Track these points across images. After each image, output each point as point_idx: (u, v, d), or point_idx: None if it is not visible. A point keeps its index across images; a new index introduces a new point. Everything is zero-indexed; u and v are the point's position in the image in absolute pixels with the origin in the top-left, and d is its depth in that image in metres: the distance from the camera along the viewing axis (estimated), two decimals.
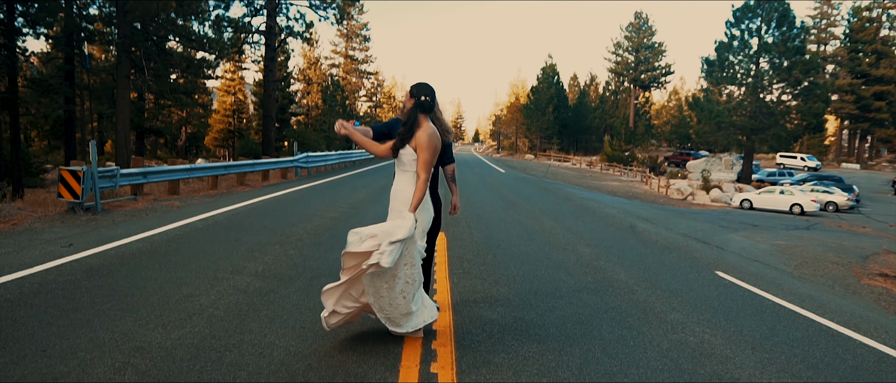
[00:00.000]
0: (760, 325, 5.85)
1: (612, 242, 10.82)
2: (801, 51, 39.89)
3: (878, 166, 72.92)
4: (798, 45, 39.75)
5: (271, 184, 19.23)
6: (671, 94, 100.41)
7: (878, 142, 79.74)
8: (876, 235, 19.84)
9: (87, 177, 10.43)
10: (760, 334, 5.54)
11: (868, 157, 79.43)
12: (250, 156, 38.85)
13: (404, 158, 4.44)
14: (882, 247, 15.53)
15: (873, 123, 72.54)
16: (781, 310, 6.61)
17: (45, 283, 5.61)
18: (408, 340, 4.50)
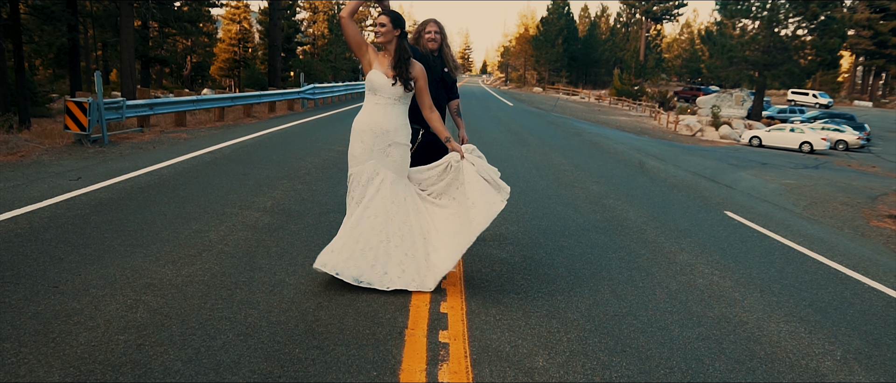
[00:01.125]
0: (769, 268, 5.84)
1: (620, 179, 10.77)
2: None
3: (892, 104, 72.04)
4: None
5: (278, 115, 19.13)
6: (683, 27, 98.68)
7: (892, 79, 78.61)
8: (885, 175, 19.76)
9: (94, 109, 10.36)
10: (769, 277, 5.54)
11: (881, 95, 78.46)
12: (256, 86, 38.60)
13: (380, 86, 4.31)
14: (891, 187, 15.45)
15: (889, 60, 71.26)
16: (790, 253, 6.60)
17: (54, 218, 5.61)
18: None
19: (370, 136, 4.30)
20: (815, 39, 39.52)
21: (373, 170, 4.32)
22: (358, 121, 4.38)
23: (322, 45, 59.80)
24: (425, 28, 4.94)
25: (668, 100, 59.62)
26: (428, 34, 4.91)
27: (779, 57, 40.01)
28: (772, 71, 40.74)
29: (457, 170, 4.48)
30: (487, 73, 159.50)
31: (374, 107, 4.35)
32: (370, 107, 4.37)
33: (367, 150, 4.31)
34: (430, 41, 4.89)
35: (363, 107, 4.41)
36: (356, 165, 4.36)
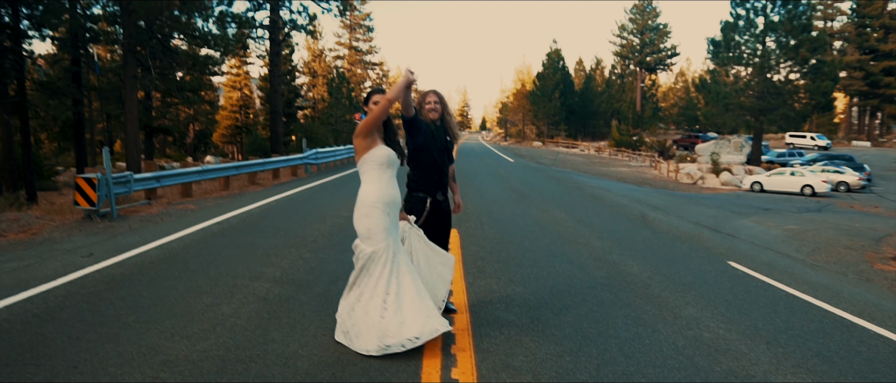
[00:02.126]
0: (774, 318, 5.91)
1: (623, 234, 10.87)
2: (807, 28, 39.58)
3: (889, 143, 72.48)
4: (805, 22, 39.42)
5: (282, 182, 19.35)
6: (678, 75, 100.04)
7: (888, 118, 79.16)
8: (888, 215, 19.82)
9: (102, 184, 10.55)
10: (775, 327, 5.60)
11: (879, 134, 78.95)
12: (259, 152, 39.00)
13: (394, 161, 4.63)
14: (895, 227, 15.51)
15: (883, 99, 71.97)
16: (795, 301, 6.67)
17: (69, 296, 5.72)
18: (428, 345, 4.58)
19: (394, 209, 4.53)
20: (807, 83, 40.03)
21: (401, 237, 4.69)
22: (383, 195, 4.49)
23: (322, 108, 60.64)
24: (426, 99, 5.12)
25: (668, 148, 60.08)
26: (428, 105, 5.09)
27: (773, 102, 40.48)
28: (767, 116, 41.17)
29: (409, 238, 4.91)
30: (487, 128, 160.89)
31: (392, 181, 4.58)
32: (387, 181, 4.54)
33: (393, 222, 4.53)
34: (432, 111, 5.07)
35: (379, 182, 4.50)
36: (384, 239, 4.44)
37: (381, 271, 4.42)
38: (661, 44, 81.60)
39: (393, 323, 4.32)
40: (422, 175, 5.08)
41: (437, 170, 5.06)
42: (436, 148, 5.01)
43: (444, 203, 5.23)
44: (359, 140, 4.48)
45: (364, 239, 4.48)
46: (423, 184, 5.08)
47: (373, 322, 4.35)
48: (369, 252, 4.44)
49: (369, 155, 4.50)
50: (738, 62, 42.12)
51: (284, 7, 36.19)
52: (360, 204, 4.49)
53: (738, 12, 41.40)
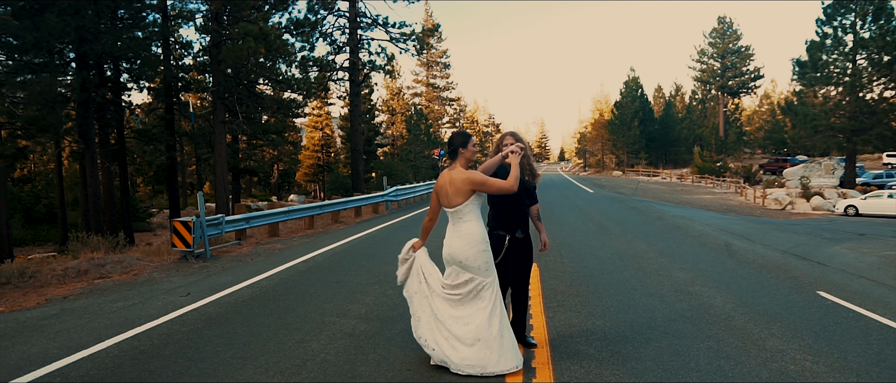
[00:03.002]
0: (866, 350, 5.73)
1: (706, 264, 10.69)
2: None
3: None
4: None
5: (364, 219, 19.85)
6: (762, 98, 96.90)
7: None
8: None
9: (197, 227, 11.18)
10: (866, 359, 5.44)
11: None
12: (340, 190, 40.06)
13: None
14: None
15: None
16: (889, 332, 6.44)
17: (171, 334, 6.12)
18: (508, 378, 4.70)
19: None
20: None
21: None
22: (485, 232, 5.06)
23: (401, 144, 61.78)
24: (504, 141, 5.35)
25: (754, 174, 58.19)
26: (506, 146, 5.28)
27: (867, 121, 38.79)
28: (861, 136, 39.43)
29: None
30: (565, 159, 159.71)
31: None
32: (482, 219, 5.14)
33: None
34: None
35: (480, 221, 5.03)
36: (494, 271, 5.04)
37: (493, 297, 4.88)
38: (744, 66, 79.39)
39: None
40: (500, 213, 5.31)
41: (514, 209, 5.29)
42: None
43: (524, 240, 5.39)
44: (477, 185, 4.84)
45: (481, 271, 4.86)
46: (502, 222, 5.29)
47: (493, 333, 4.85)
48: (489, 281, 4.88)
49: (474, 198, 4.92)
50: (826, 82, 40.65)
51: (363, 49, 37.32)
52: (474, 240, 4.87)
53: (824, 31, 40.09)
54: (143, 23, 24.38)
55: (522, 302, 5.52)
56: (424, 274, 5.13)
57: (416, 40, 38.45)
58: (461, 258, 4.84)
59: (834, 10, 39.48)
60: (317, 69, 35.32)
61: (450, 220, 5.01)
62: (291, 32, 28.99)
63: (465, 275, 4.87)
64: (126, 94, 27.61)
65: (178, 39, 29.80)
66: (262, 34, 23.03)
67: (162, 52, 27.46)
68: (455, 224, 4.95)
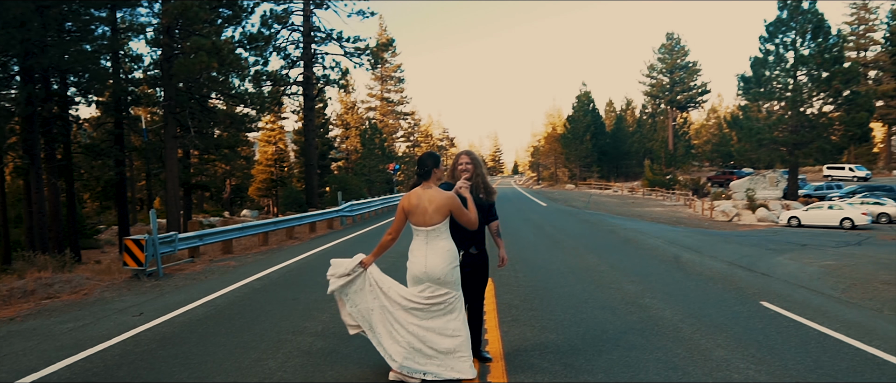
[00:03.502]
0: (805, 358, 5.99)
1: (656, 277, 10.98)
2: (839, 60, 39.41)
3: None
4: (836, 54, 39.28)
5: (319, 235, 19.79)
6: (709, 112, 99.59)
7: None
8: None
9: (149, 245, 11.03)
10: (805, 367, 5.69)
11: None
12: (294, 205, 39.75)
13: None
14: None
15: None
16: (827, 340, 6.74)
17: (125, 355, 6.06)
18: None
19: None
20: (842, 115, 39.71)
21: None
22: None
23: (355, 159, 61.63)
24: (459, 160, 5.50)
25: (702, 186, 59.62)
26: (461, 165, 5.45)
27: (808, 135, 40.19)
28: (803, 149, 40.84)
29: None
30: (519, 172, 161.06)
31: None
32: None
33: None
34: (464, 172, 5.39)
35: (451, 239, 5.17)
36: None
37: (462, 306, 5.12)
38: (692, 81, 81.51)
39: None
40: (454, 231, 5.39)
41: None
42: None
43: (478, 256, 5.49)
44: (456, 209, 5.03)
45: (455, 285, 5.05)
46: (456, 239, 5.37)
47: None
48: (459, 293, 5.08)
49: (450, 216, 5.09)
50: (769, 97, 42.04)
51: (317, 63, 37.26)
52: (451, 256, 5.03)
53: (767, 48, 41.49)
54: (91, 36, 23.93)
55: (478, 317, 5.62)
56: (382, 288, 5.15)
57: (371, 55, 38.54)
58: (439, 275, 4.93)
59: (776, 28, 40.88)
60: (270, 83, 35.12)
61: (421, 238, 5.05)
62: (245, 47, 28.81)
63: (441, 290, 4.98)
64: (73, 108, 27.13)
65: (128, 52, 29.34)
66: (216, 48, 22.84)
67: (111, 66, 26.95)
68: (430, 242, 5.02)
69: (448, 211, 5.01)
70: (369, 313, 5.21)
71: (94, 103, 30.00)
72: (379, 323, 5.13)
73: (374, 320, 5.17)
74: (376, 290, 5.18)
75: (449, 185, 5.31)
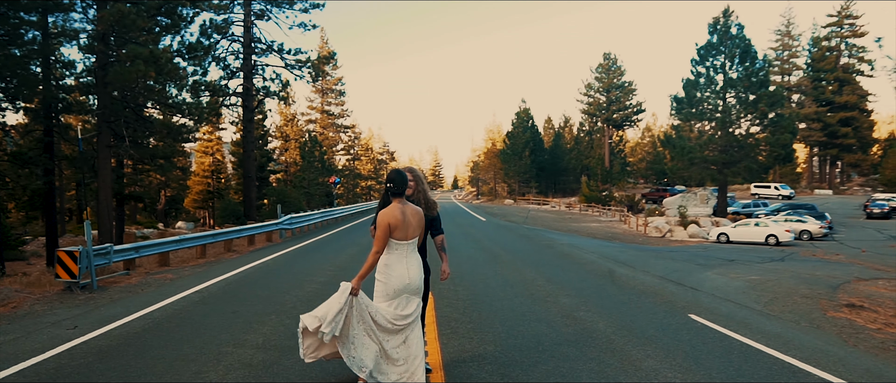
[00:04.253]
0: (728, 367, 6.35)
1: (590, 291, 11.33)
2: (765, 84, 41.26)
3: (850, 191, 74.51)
4: (762, 78, 41.14)
5: (258, 248, 19.59)
6: (644, 131, 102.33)
7: (847, 166, 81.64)
8: (848, 262, 20.49)
9: (84, 257, 10.80)
10: (727, 375, 6.03)
11: (839, 182, 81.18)
12: (231, 217, 39.13)
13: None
14: (853, 274, 16.14)
15: (841, 149, 74.49)
16: (748, 350, 7.12)
17: (60, 368, 5.98)
18: None
19: None
20: (767, 136, 41.48)
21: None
22: None
23: (295, 171, 60.97)
24: None
25: (637, 203, 61.18)
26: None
27: (736, 154, 41.80)
28: (731, 168, 42.45)
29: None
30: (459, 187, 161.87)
31: None
32: None
33: None
34: (407, 188, 5.54)
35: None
36: None
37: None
38: (628, 101, 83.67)
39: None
40: None
41: None
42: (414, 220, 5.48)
43: None
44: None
45: (421, 293, 5.43)
46: None
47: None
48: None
49: None
50: (700, 118, 43.56)
51: (257, 75, 36.88)
52: (423, 266, 5.48)
53: (698, 70, 43.05)
54: (20, 40, 23.17)
55: None
56: (371, 314, 5.13)
57: (312, 67, 38.39)
58: (418, 284, 5.24)
59: (706, 52, 42.50)
60: (209, 94, 34.53)
61: (402, 252, 5.20)
62: (183, 56, 28.33)
63: (414, 301, 5.21)
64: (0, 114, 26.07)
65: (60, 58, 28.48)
66: (153, 57, 22.43)
67: (41, 72, 26.12)
68: (410, 254, 5.24)
69: (424, 224, 5.35)
70: (356, 339, 5.14)
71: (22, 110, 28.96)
72: (366, 348, 5.12)
73: (358, 347, 5.13)
74: (366, 317, 5.13)
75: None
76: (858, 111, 73.69)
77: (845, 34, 74.97)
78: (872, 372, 6.45)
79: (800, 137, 72.05)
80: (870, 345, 7.84)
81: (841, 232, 36.89)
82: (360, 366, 5.06)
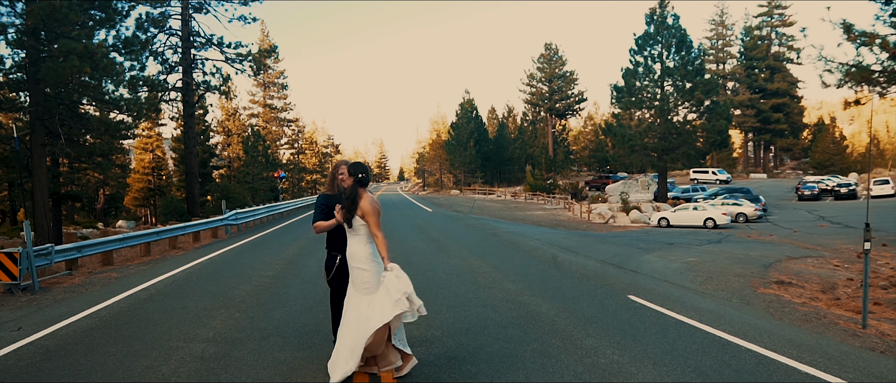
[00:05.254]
0: (663, 342, 6.71)
1: (535, 276, 11.66)
2: (700, 72, 42.47)
3: (784, 174, 77.39)
4: (697, 67, 42.33)
5: (203, 245, 19.40)
6: (586, 119, 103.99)
7: (780, 151, 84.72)
8: (781, 242, 21.41)
9: (24, 258, 10.61)
10: (662, 350, 6.39)
11: (773, 166, 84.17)
12: (174, 214, 38.45)
13: (354, 224, 5.39)
14: (784, 254, 16.94)
15: (774, 134, 77.26)
16: (682, 327, 7.52)
17: (5, 370, 5.95)
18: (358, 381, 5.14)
19: (349, 260, 5.50)
20: (704, 123, 42.77)
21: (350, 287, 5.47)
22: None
23: (238, 166, 60.11)
24: (338, 170, 5.93)
25: (580, 190, 62.26)
26: (341, 175, 5.89)
27: (675, 141, 42.98)
28: (670, 154, 43.66)
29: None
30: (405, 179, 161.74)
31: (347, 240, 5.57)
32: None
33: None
34: (343, 180, 5.80)
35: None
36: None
37: None
38: (570, 90, 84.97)
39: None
40: (332, 236, 5.81)
41: (343, 234, 5.73)
42: None
43: None
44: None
45: None
46: (333, 243, 5.79)
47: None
48: None
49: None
50: (639, 106, 44.61)
51: (197, 69, 36.28)
52: None
53: (637, 59, 44.03)
54: None
55: None
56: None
57: (253, 61, 37.92)
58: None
59: (644, 41, 43.50)
60: (147, 89, 33.81)
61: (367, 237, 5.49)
62: (119, 51, 27.65)
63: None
64: None
65: None
66: (88, 52, 21.88)
67: None
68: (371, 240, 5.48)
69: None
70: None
71: None
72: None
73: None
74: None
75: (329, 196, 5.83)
76: (789, 98, 76.56)
77: (775, 23, 77.76)
78: (794, 341, 6.91)
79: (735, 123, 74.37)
80: (794, 318, 8.34)
81: (774, 213, 38.34)
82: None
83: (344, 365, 5.18)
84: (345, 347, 5.22)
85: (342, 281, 5.79)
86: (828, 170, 66.56)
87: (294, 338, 6.90)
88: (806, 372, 5.72)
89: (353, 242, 5.46)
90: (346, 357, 5.19)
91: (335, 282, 5.84)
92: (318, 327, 7.37)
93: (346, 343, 5.22)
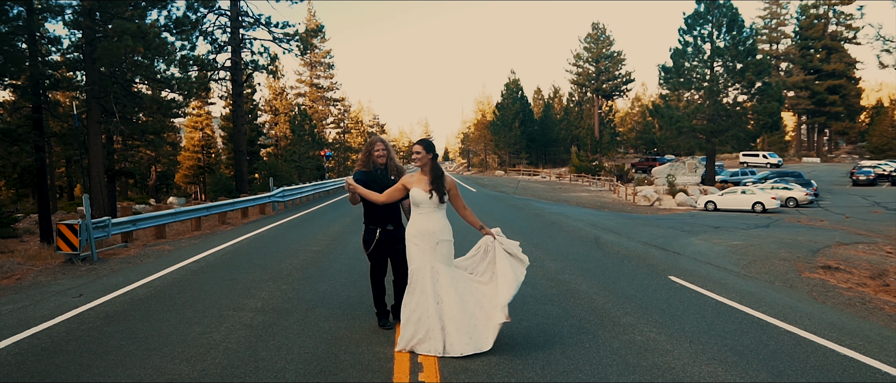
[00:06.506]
0: (700, 322, 6.75)
1: (576, 256, 11.72)
2: (752, 52, 41.50)
3: (838, 158, 75.26)
4: (749, 47, 41.36)
5: (251, 220, 19.91)
6: (634, 101, 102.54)
7: (835, 134, 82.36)
8: (831, 228, 21.00)
9: (83, 230, 11.10)
10: (699, 329, 6.43)
11: (827, 150, 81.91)
12: (223, 191, 39.38)
13: (421, 200, 5.63)
14: (834, 239, 16.63)
15: (829, 117, 75.06)
16: (721, 307, 7.54)
17: (71, 331, 6.32)
18: (398, 356, 5.33)
19: (421, 239, 5.59)
20: (755, 104, 41.84)
21: (429, 264, 5.57)
22: (409, 229, 5.72)
23: (285, 145, 61.06)
24: (374, 147, 6.19)
25: (626, 172, 61.66)
26: (377, 152, 6.16)
27: (724, 123, 42.19)
28: (719, 137, 42.86)
29: (493, 250, 5.99)
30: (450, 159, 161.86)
31: (419, 217, 5.68)
32: (416, 216, 5.70)
33: (421, 250, 5.59)
34: (379, 157, 6.05)
35: (412, 218, 5.72)
36: (413, 264, 5.63)
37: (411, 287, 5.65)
38: (617, 71, 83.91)
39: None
40: (369, 211, 6.13)
41: (380, 208, 6.02)
42: (378, 188, 5.96)
43: (395, 231, 6.19)
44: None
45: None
46: (371, 218, 6.02)
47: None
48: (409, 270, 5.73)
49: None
50: (688, 87, 43.85)
51: (245, 49, 36.84)
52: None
53: (686, 40, 43.23)
54: (5, 17, 23.14)
55: (402, 287, 6.11)
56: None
57: (300, 40, 38.36)
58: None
59: (694, 21, 42.65)
60: (197, 68, 34.60)
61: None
62: (171, 31, 28.31)
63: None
64: None
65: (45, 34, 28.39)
66: (141, 32, 22.47)
67: (27, 48, 26.09)
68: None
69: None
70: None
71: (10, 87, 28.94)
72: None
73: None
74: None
75: (366, 173, 6.08)
76: (846, 79, 74.21)
77: (833, 2, 75.14)
78: (835, 325, 6.87)
79: (788, 105, 72.62)
80: (837, 302, 8.27)
81: (826, 199, 37.50)
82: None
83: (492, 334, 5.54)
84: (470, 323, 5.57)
85: (382, 254, 6.08)
86: (885, 155, 64.44)
87: (339, 310, 7.13)
88: (844, 355, 5.72)
89: (436, 217, 5.68)
90: (487, 323, 5.61)
91: (375, 255, 6.09)
92: (361, 299, 7.60)
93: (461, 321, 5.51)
